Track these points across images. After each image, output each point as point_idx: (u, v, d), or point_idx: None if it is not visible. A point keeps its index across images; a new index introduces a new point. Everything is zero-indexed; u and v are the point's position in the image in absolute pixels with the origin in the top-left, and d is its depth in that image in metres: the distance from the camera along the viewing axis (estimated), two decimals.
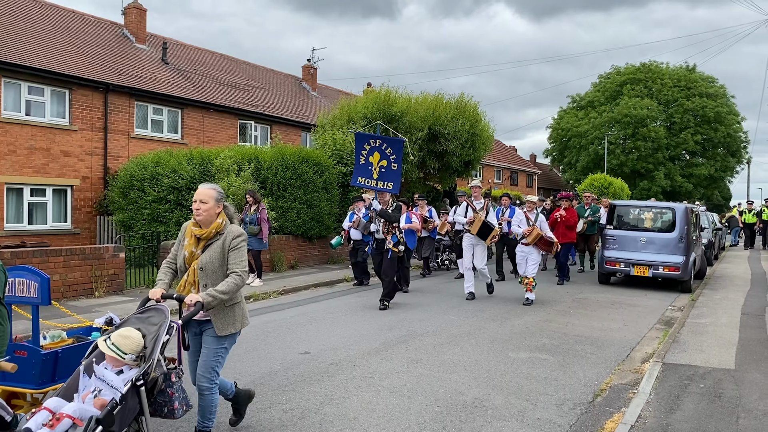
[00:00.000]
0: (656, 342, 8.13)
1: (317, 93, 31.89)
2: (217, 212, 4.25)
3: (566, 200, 14.19)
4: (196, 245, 4.25)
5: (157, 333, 3.86)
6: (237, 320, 4.31)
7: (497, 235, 11.00)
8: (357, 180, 11.04)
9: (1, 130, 15.95)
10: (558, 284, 13.34)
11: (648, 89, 50.59)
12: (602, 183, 30.20)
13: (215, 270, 4.19)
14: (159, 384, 3.81)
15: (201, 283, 4.19)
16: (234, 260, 4.20)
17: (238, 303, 4.32)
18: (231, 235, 4.25)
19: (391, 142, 11.07)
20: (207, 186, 4.30)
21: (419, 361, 6.79)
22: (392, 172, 10.81)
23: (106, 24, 22.99)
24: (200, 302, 3.96)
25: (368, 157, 10.93)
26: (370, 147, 10.95)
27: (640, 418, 5.04)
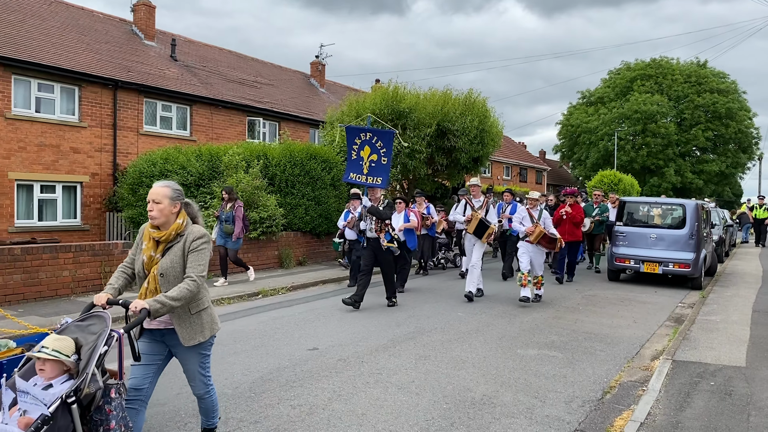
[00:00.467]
0: (666, 339, 8.08)
1: (325, 89, 31.88)
2: (174, 212, 3.88)
3: (571, 196, 13.74)
4: (155, 249, 3.90)
5: (94, 343, 3.46)
6: (205, 328, 3.98)
7: (493, 233, 10.67)
8: (348, 176, 10.73)
9: (11, 126, 16.04)
10: (565, 281, 13.13)
11: (658, 85, 50.26)
12: (612, 179, 30.03)
13: (177, 276, 3.84)
14: (97, 400, 3.42)
15: (162, 290, 3.82)
16: (191, 263, 3.83)
17: (205, 309, 3.99)
18: (192, 236, 3.89)
19: (382, 135, 10.72)
20: (161, 184, 3.93)
21: (427, 358, 6.77)
22: (381, 167, 10.49)
23: (115, 21, 23.07)
24: (146, 309, 3.56)
25: (359, 152, 10.63)
26: (360, 141, 10.64)
27: (650, 416, 5.00)
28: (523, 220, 10.66)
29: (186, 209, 3.99)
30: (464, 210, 10.87)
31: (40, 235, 16.19)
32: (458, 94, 20.80)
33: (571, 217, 13.20)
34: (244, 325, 8.50)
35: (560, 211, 13.37)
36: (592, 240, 15.64)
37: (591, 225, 14.87)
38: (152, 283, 3.84)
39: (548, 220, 10.71)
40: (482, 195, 11.22)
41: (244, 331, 8.10)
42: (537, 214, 10.59)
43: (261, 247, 14.17)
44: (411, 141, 18.82)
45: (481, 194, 11.12)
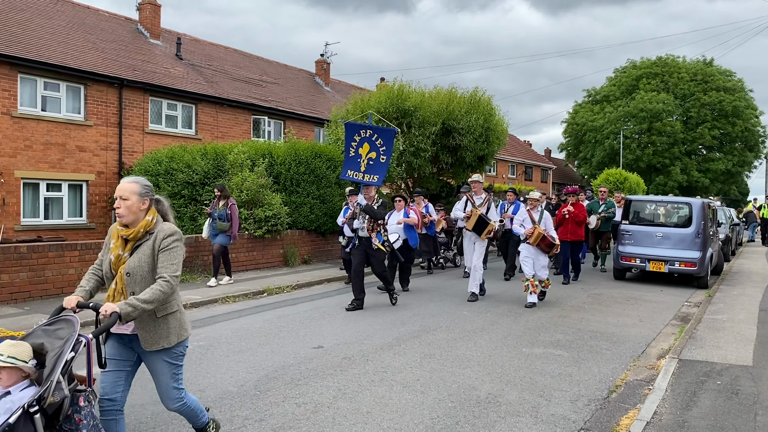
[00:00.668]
0: (672, 338, 8.05)
1: (330, 88, 31.88)
2: (143, 209, 3.70)
3: (573, 195, 13.46)
4: (123, 247, 3.70)
5: (61, 349, 3.26)
6: (171, 332, 3.73)
7: (493, 231, 10.47)
8: (346, 173, 10.40)
9: (17, 125, 16.09)
10: (563, 283, 12.79)
11: (664, 83, 50.08)
12: (618, 178, 29.95)
13: (144, 276, 3.63)
14: (65, 409, 3.22)
15: (129, 290, 3.63)
16: (163, 263, 3.62)
17: (173, 313, 3.76)
18: (162, 233, 3.68)
19: (383, 132, 10.40)
20: (128, 180, 3.74)
21: (432, 356, 6.76)
22: (379, 165, 10.16)
23: (120, 20, 23.11)
24: (116, 312, 3.37)
25: (358, 149, 10.33)
26: (360, 138, 10.35)
27: (656, 415, 4.98)
28: (524, 222, 10.44)
29: (156, 206, 3.81)
30: (465, 206, 10.74)
31: (46, 233, 16.26)
32: (463, 93, 20.77)
33: (574, 216, 12.98)
34: (249, 323, 8.51)
35: (563, 210, 13.16)
36: (600, 238, 15.39)
37: (598, 222, 14.64)
38: (119, 284, 3.66)
39: (549, 221, 10.46)
40: (484, 192, 11.07)
41: (249, 329, 8.11)
42: (537, 215, 10.37)
43: (266, 246, 14.18)
44: (416, 139, 18.81)
45: (482, 191, 10.96)
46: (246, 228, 13.68)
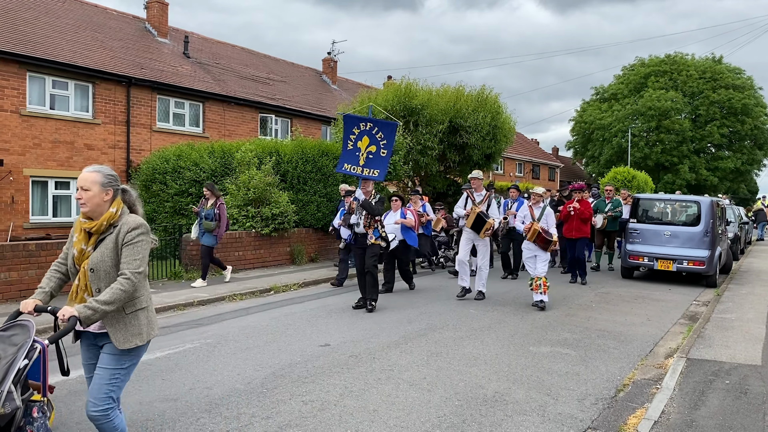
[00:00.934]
0: (680, 337, 8.01)
1: (337, 86, 31.88)
2: (106, 200, 3.46)
3: (579, 192, 13.01)
4: (86, 241, 3.47)
5: (13, 356, 3.06)
6: (143, 329, 3.51)
7: (491, 228, 10.07)
8: (342, 166, 10.00)
9: (26, 123, 16.17)
10: (571, 282, 12.60)
11: (673, 81, 49.82)
12: (626, 176, 29.82)
13: (108, 271, 3.41)
14: (17, 420, 3.04)
15: (93, 287, 3.43)
16: (126, 258, 3.39)
17: (142, 309, 3.54)
18: (126, 226, 3.44)
19: (383, 126, 9.99)
20: (90, 169, 3.49)
21: (439, 355, 6.75)
22: (380, 159, 9.78)
23: (128, 18, 23.19)
24: (75, 317, 3.16)
25: (356, 142, 9.94)
26: (359, 131, 9.96)
27: (664, 414, 4.96)
28: (525, 218, 10.27)
29: (123, 196, 3.58)
30: (465, 204, 10.45)
31: (55, 230, 16.34)
32: (471, 91, 20.76)
33: (579, 213, 12.60)
34: (256, 320, 8.53)
35: (568, 206, 12.86)
36: (607, 237, 15.08)
37: (604, 221, 14.37)
38: (83, 280, 3.46)
39: (550, 218, 10.12)
40: (484, 189, 10.74)
41: (257, 326, 8.12)
42: (539, 211, 10.13)
43: (273, 244, 14.20)
44: (423, 137, 18.79)
45: (483, 188, 10.65)
46: (253, 226, 13.71)
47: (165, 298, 9.85)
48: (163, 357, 6.56)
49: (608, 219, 14.50)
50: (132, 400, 5.16)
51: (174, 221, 14.64)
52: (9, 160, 15.72)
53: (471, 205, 10.22)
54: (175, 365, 6.22)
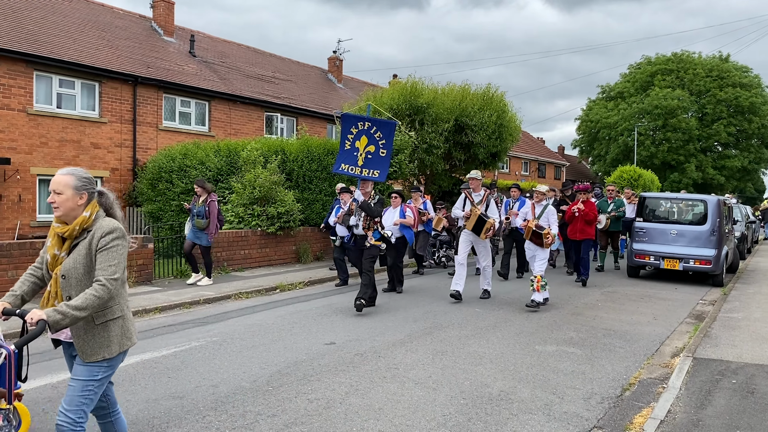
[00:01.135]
0: (687, 336, 7.98)
1: (343, 85, 31.89)
2: (80, 204, 3.30)
3: (584, 192, 12.71)
4: (59, 246, 3.32)
5: None
6: (113, 341, 3.30)
7: (492, 228, 9.76)
8: (340, 167, 9.72)
9: (33, 122, 16.24)
10: (577, 281, 12.41)
11: (679, 80, 49.66)
12: (632, 175, 29.73)
13: (80, 278, 3.25)
14: None
15: (64, 295, 3.25)
16: (101, 264, 3.21)
17: (115, 319, 3.34)
18: (100, 231, 3.27)
19: (382, 125, 9.74)
20: (63, 172, 3.33)
21: (444, 353, 6.75)
22: (380, 159, 9.54)
23: (134, 17, 23.26)
24: (43, 320, 3.00)
25: (354, 142, 9.74)
26: (357, 130, 9.74)
27: (670, 413, 4.95)
28: (527, 215, 10.21)
29: (99, 200, 3.42)
30: (464, 204, 10.14)
31: None
32: (477, 89, 20.75)
33: (584, 215, 12.33)
34: (262, 319, 8.54)
35: (572, 207, 12.56)
36: (612, 238, 14.90)
37: (607, 221, 14.18)
38: (54, 286, 3.31)
39: (552, 217, 9.96)
40: (483, 189, 10.41)
41: (262, 325, 8.14)
42: (539, 210, 10.02)
43: (279, 242, 14.22)
44: (429, 136, 18.79)
45: (481, 188, 10.33)
46: (259, 224, 13.73)
47: (171, 296, 9.88)
48: (170, 355, 6.58)
49: (611, 219, 14.33)
50: (138, 397, 5.18)
51: (180, 220, 14.68)
52: (16, 159, 15.79)
53: (470, 206, 9.94)
54: (182, 363, 6.24)
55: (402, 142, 17.00)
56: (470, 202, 9.99)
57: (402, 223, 10.85)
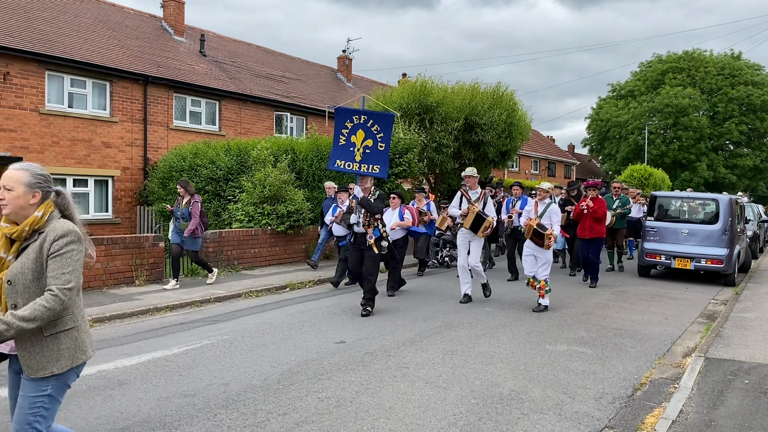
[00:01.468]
0: (698, 336, 7.93)
1: (352, 84, 31.91)
2: (32, 203, 3.01)
3: (594, 189, 12.24)
4: (7, 248, 3.02)
5: None
6: (63, 355, 3.00)
7: (490, 227, 9.48)
8: (335, 163, 9.27)
9: (44, 122, 16.36)
10: (584, 280, 12.20)
11: (691, 78, 49.34)
12: (642, 174, 29.59)
13: (27, 285, 2.95)
14: None
15: (9, 302, 2.96)
16: (53, 272, 2.92)
17: (66, 330, 3.03)
18: (52, 234, 2.97)
19: (379, 118, 9.28)
20: (16, 167, 3.05)
21: (455, 353, 6.75)
22: (378, 153, 9.10)
23: (145, 17, 23.36)
24: None
25: (350, 137, 9.25)
26: (353, 125, 9.26)
27: (682, 414, 4.92)
28: (529, 213, 9.80)
29: (56, 200, 3.15)
30: (460, 203, 9.84)
31: None
32: (486, 88, 20.69)
33: (593, 212, 11.83)
34: (272, 317, 8.57)
35: (581, 205, 12.10)
36: (615, 235, 14.28)
37: (612, 219, 13.69)
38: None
39: (555, 216, 9.54)
40: (479, 186, 10.09)
41: (272, 323, 8.16)
42: (542, 207, 9.61)
43: (288, 241, 14.26)
44: (438, 135, 18.76)
45: (477, 185, 10.01)
46: (269, 223, 13.76)
47: (182, 294, 9.93)
48: (181, 353, 6.61)
49: (616, 216, 13.93)
50: (150, 396, 5.21)
51: None
52: (28, 157, 15.91)
53: (466, 204, 9.66)
54: (193, 361, 6.27)
55: (411, 141, 16.99)
56: (467, 200, 9.72)
57: (400, 226, 10.62)
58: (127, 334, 7.55)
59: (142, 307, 8.87)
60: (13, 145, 15.71)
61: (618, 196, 14.23)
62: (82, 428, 4.50)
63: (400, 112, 18.69)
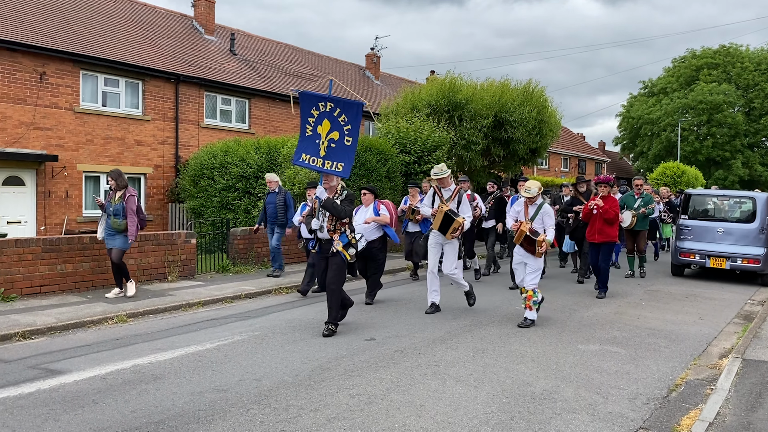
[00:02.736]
0: (735, 337, 7.77)
1: (380, 81, 31.93)
2: None
3: (605, 186, 10.59)
4: None
5: None
6: None
7: (460, 228, 8.38)
8: (300, 158, 7.95)
9: (79, 120, 16.67)
10: (597, 296, 10.34)
11: (726, 74, 48.32)
12: (675, 171, 29.10)
13: None
14: None
15: None
16: None
17: None
18: None
19: (347, 107, 7.97)
20: None
21: (485, 351, 6.71)
22: (344, 149, 7.82)
23: (176, 16, 23.66)
24: None
25: (316, 127, 7.97)
26: (319, 113, 7.97)
27: (719, 416, 4.82)
28: (519, 215, 8.45)
29: None
30: (432, 201, 8.85)
31: None
32: (516, 85, 20.55)
33: (603, 212, 10.34)
34: (302, 314, 8.62)
35: (590, 203, 10.66)
36: (636, 238, 12.67)
37: (633, 219, 12.27)
38: None
39: (549, 219, 8.23)
40: (453, 183, 8.95)
41: (302, 320, 8.21)
42: (534, 209, 8.26)
43: None
44: (467, 132, 18.68)
45: (452, 183, 8.88)
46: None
47: (213, 290, 10.04)
48: (213, 348, 6.69)
49: (637, 217, 12.38)
50: (184, 390, 5.28)
51: (221, 215, 14.90)
52: (63, 155, 16.23)
53: (438, 203, 8.59)
54: (225, 357, 6.33)
55: (440, 139, 16.94)
56: (439, 198, 8.67)
57: (376, 222, 9.51)
58: (161, 329, 7.66)
59: (174, 303, 8.99)
60: (49, 144, 16.04)
61: (640, 194, 12.75)
62: (118, 421, 4.58)
63: (429, 109, 18.64)
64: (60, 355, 6.41)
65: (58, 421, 4.58)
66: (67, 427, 4.47)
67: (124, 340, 7.12)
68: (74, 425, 4.51)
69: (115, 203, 9.10)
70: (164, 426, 4.50)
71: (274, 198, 11.52)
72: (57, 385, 5.40)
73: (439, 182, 8.72)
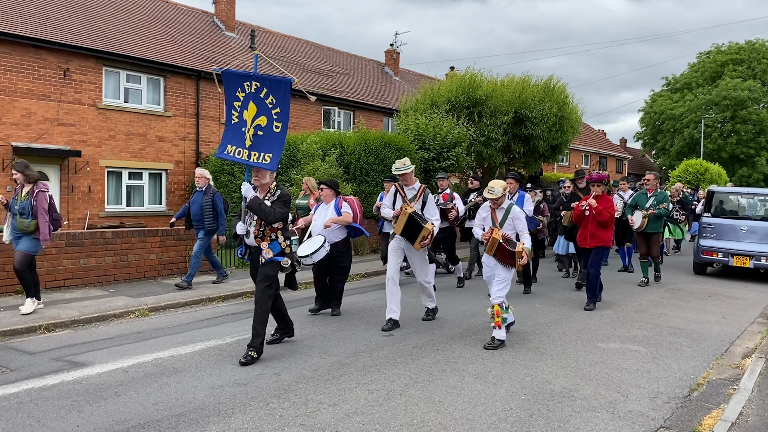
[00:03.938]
0: (758, 337, 7.66)
1: (399, 78, 31.88)
2: None
3: (598, 184, 9.28)
4: None
5: None
6: None
7: (429, 236, 7.34)
8: (225, 149, 6.68)
9: (102, 116, 16.86)
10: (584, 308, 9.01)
11: (752, 70, 47.53)
12: (698, 169, 28.72)
13: None
14: None
15: None
16: None
17: None
18: None
19: (274, 85, 6.59)
20: None
21: (504, 348, 6.69)
22: (272, 137, 6.38)
23: (197, 13, 23.82)
24: None
25: (242, 112, 6.66)
26: (244, 95, 6.67)
27: (742, 416, 4.77)
28: (485, 221, 7.28)
29: None
30: (393, 201, 7.78)
31: (128, 219, 17.01)
32: (537, 81, 20.40)
33: (597, 214, 9.13)
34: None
35: (581, 203, 9.44)
36: (649, 242, 11.38)
37: (644, 221, 11.18)
38: None
39: (520, 223, 7.08)
40: (418, 181, 7.85)
41: (320, 315, 8.24)
42: (502, 213, 7.12)
43: None
44: (487, 129, 18.60)
45: (415, 181, 7.76)
46: None
47: (234, 286, 10.12)
48: (233, 342, 6.74)
49: (649, 218, 11.20)
50: (204, 383, 5.33)
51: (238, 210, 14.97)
52: (86, 151, 16.43)
53: (401, 203, 7.60)
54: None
55: (459, 135, 16.88)
56: (402, 197, 7.64)
57: (337, 223, 8.18)
58: (182, 323, 7.74)
59: (195, 297, 9.08)
60: (72, 139, 16.25)
61: (653, 192, 11.49)
62: (140, 413, 4.64)
63: (449, 105, 18.58)
64: (83, 348, 6.51)
65: (81, 413, 4.65)
66: (90, 419, 4.54)
67: (145, 333, 7.21)
68: (97, 416, 4.58)
69: (21, 200, 7.66)
70: (185, 419, 4.55)
71: (201, 198, 9.88)
72: (80, 377, 5.49)
73: (401, 179, 7.66)
